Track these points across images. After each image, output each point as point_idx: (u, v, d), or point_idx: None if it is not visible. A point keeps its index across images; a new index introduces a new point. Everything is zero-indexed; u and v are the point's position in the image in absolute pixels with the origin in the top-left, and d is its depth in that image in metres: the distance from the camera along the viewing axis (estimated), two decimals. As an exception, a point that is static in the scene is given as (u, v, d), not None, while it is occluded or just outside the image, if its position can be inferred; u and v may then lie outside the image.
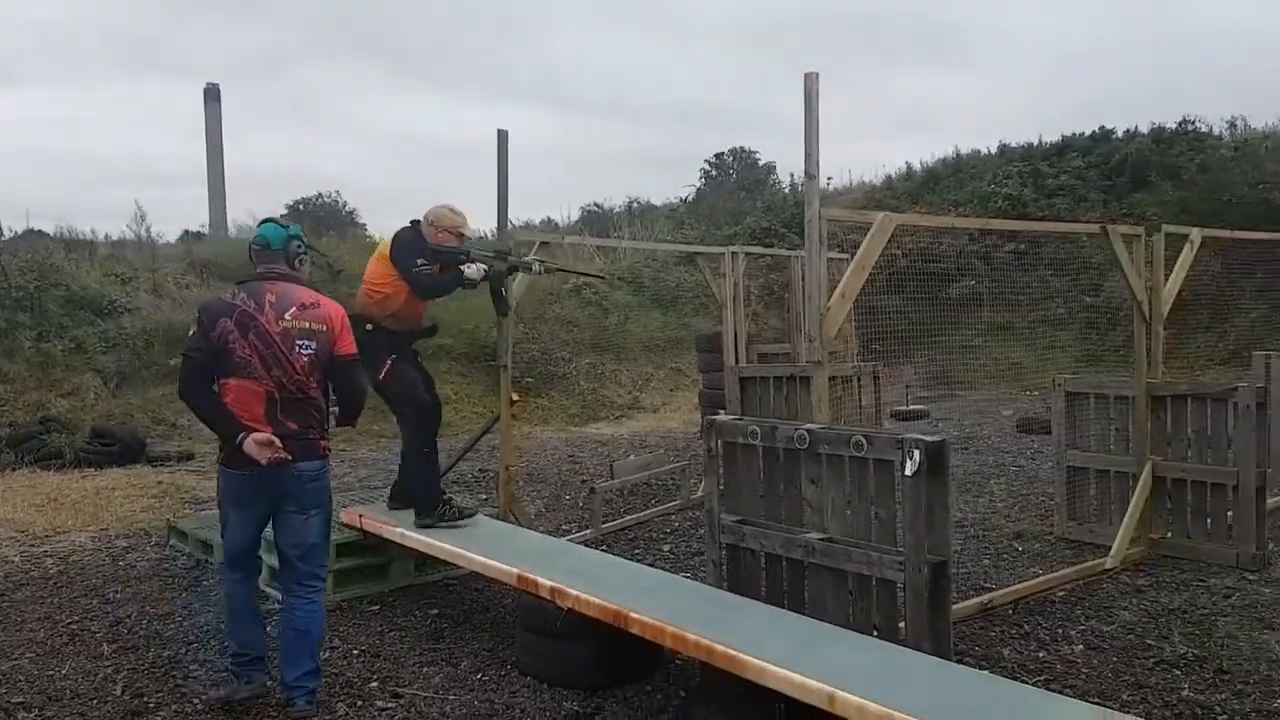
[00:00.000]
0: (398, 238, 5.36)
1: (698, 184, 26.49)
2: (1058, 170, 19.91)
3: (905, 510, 3.83)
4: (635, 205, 26.83)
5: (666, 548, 6.69)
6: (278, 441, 3.76)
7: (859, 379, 7.88)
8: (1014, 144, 22.26)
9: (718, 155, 26.96)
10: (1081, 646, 4.61)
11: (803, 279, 7.72)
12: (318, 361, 3.91)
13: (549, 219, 25.46)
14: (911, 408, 13.37)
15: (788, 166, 27.41)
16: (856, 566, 4.00)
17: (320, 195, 26.65)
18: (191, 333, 3.85)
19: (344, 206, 27.10)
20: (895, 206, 21.00)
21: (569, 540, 6.15)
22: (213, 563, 6.12)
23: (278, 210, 27.55)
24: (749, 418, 5.58)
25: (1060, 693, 3.85)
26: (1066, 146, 21.00)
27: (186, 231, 23.02)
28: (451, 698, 4.11)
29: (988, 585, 5.52)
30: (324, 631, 4.05)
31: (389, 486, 5.84)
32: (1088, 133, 21.20)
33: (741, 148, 26.91)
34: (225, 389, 3.83)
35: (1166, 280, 6.31)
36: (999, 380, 15.65)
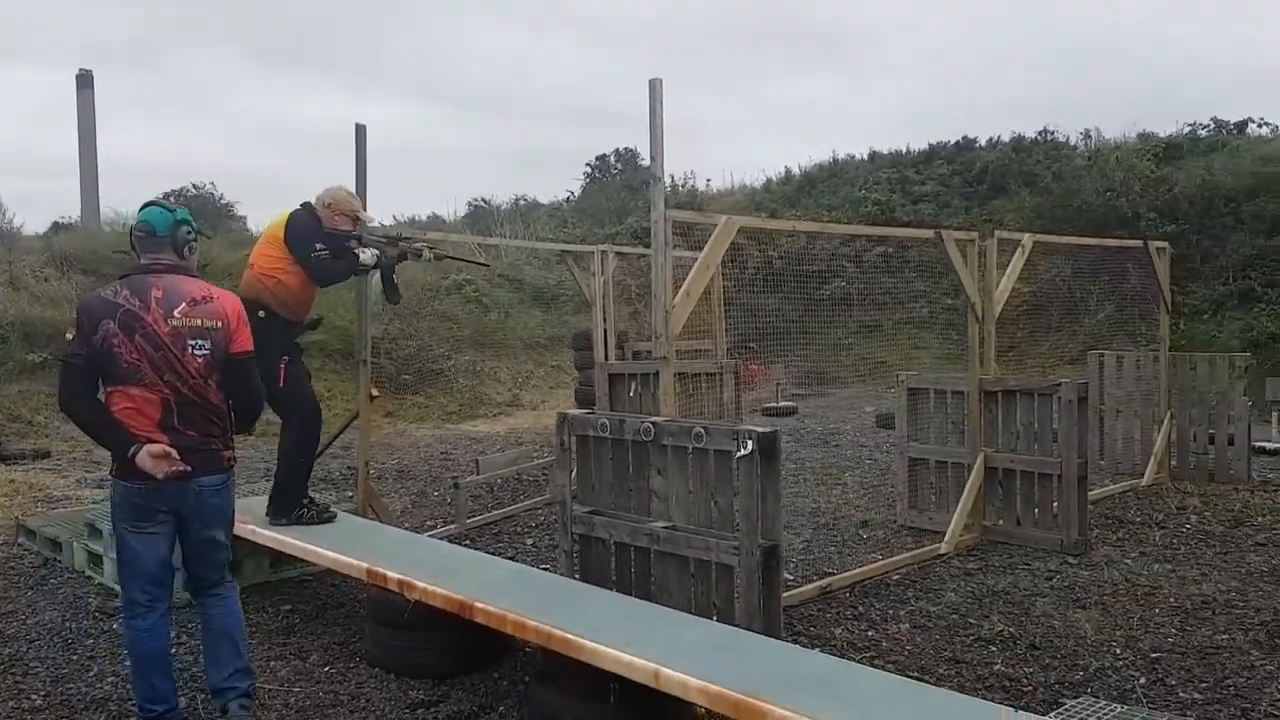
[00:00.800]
0: (294, 219, 5.14)
1: (582, 182, 26.67)
2: (924, 177, 20.79)
3: (740, 498, 4.05)
4: (521, 202, 26.82)
5: (530, 541, 6.81)
6: (174, 453, 3.40)
7: (721, 375, 8.15)
8: (884, 151, 23.17)
9: (600, 156, 27.20)
10: (908, 625, 4.92)
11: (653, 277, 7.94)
12: (214, 362, 3.52)
13: (435, 214, 25.25)
14: (781, 404, 13.80)
15: (671, 167, 27.79)
16: (697, 552, 4.20)
17: (195, 186, 25.79)
18: (70, 336, 3.44)
19: (219, 198, 26.28)
20: (773, 209, 21.59)
21: (432, 536, 6.21)
22: (60, 561, 5.98)
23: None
24: (599, 411, 5.75)
25: (881, 668, 4.13)
26: (933, 154, 21.94)
27: (57, 223, 22.06)
28: (297, 690, 4.15)
29: (830, 571, 5.82)
30: (244, 627, 3.81)
31: (252, 484, 5.79)
32: (953, 141, 22.19)
33: (626, 148, 27.19)
34: (114, 397, 3.42)
35: (999, 282, 6.74)
36: (866, 378, 16.26)
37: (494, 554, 5.80)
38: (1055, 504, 6.42)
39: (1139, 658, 4.42)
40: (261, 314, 4.88)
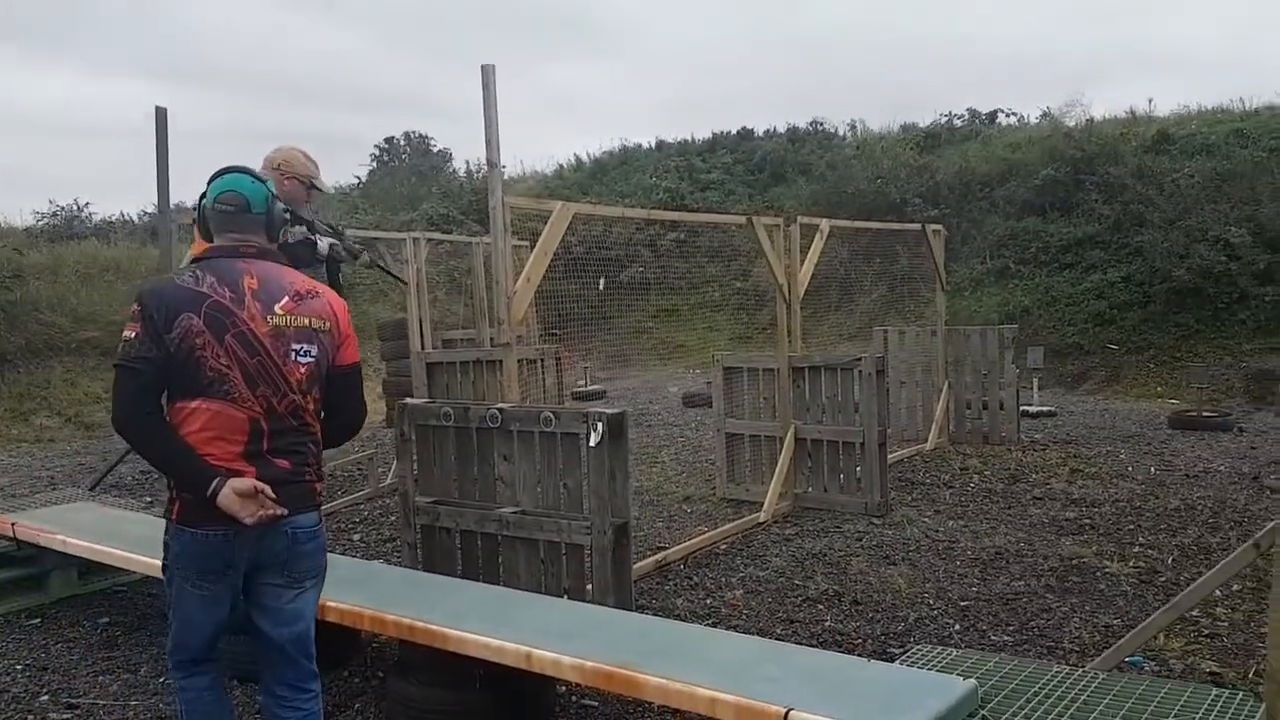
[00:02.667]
0: None
1: (369, 167, 25.89)
2: (710, 166, 21.56)
3: (590, 478, 4.17)
4: (304, 189, 25.69)
5: (357, 537, 6.66)
6: (267, 489, 2.65)
7: (542, 361, 8.22)
8: (670, 140, 23.83)
9: (388, 139, 26.48)
10: (741, 591, 5.21)
11: (486, 265, 7.94)
12: (317, 373, 2.79)
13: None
14: (590, 388, 14.02)
15: (463, 153, 27.47)
16: (548, 535, 4.29)
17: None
18: (129, 335, 2.60)
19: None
20: (567, 195, 21.72)
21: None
22: None
23: None
24: (442, 400, 5.71)
25: (731, 632, 4.36)
26: (716, 144, 22.80)
27: None
28: (134, 703, 3.93)
29: (662, 545, 6.04)
30: None
31: (35, 494, 5.37)
32: (734, 131, 23.13)
33: (415, 132, 26.60)
34: (186, 414, 2.63)
35: (802, 265, 7.17)
36: (667, 360, 16.76)
37: (324, 552, 5.64)
38: (859, 470, 6.92)
39: (950, 607, 4.88)
40: None
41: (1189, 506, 6.63)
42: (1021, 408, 9.82)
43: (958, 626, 4.62)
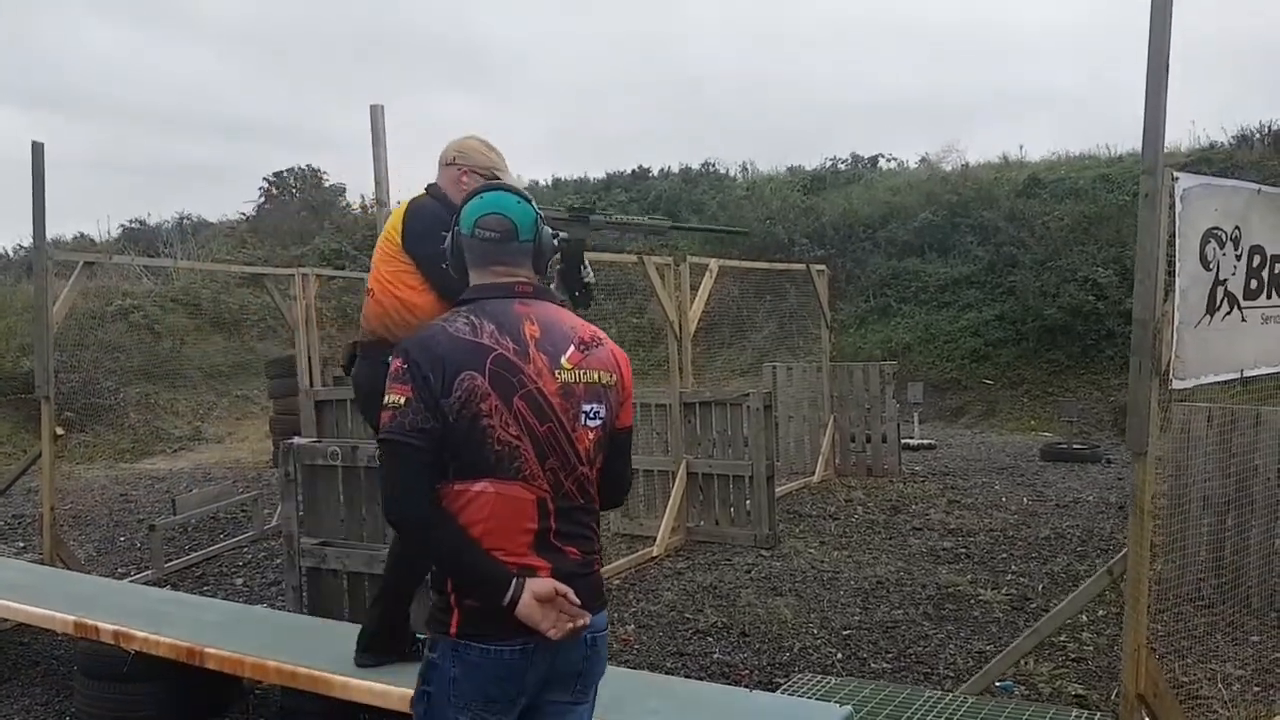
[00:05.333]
0: (414, 212, 3.45)
1: (258, 202, 25.29)
2: (605, 204, 21.76)
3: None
4: (187, 222, 24.95)
5: (239, 581, 6.49)
6: (569, 592, 2.07)
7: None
8: (566, 178, 24.01)
9: (278, 173, 25.94)
10: (634, 626, 5.27)
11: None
12: (603, 439, 2.22)
13: (83, 234, 22.87)
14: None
15: (358, 186, 27.09)
16: (436, 575, 4.27)
17: None
18: (400, 401, 2.02)
19: None
20: (463, 231, 21.69)
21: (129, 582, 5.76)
22: None
23: None
24: (329, 439, 5.62)
25: (616, 667, 4.41)
26: (612, 182, 23.10)
27: None
28: (0, 764, 3.76)
29: (555, 583, 6.05)
30: None
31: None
32: (629, 171, 23.46)
33: (306, 165, 26.11)
34: (464, 501, 2.05)
35: (692, 303, 7.34)
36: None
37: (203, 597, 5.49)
38: (748, 502, 7.08)
39: (833, 636, 5.03)
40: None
41: (1059, 535, 6.98)
42: (903, 441, 10.18)
43: (840, 655, 4.76)
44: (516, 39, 51.38)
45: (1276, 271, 3.51)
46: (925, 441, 11.38)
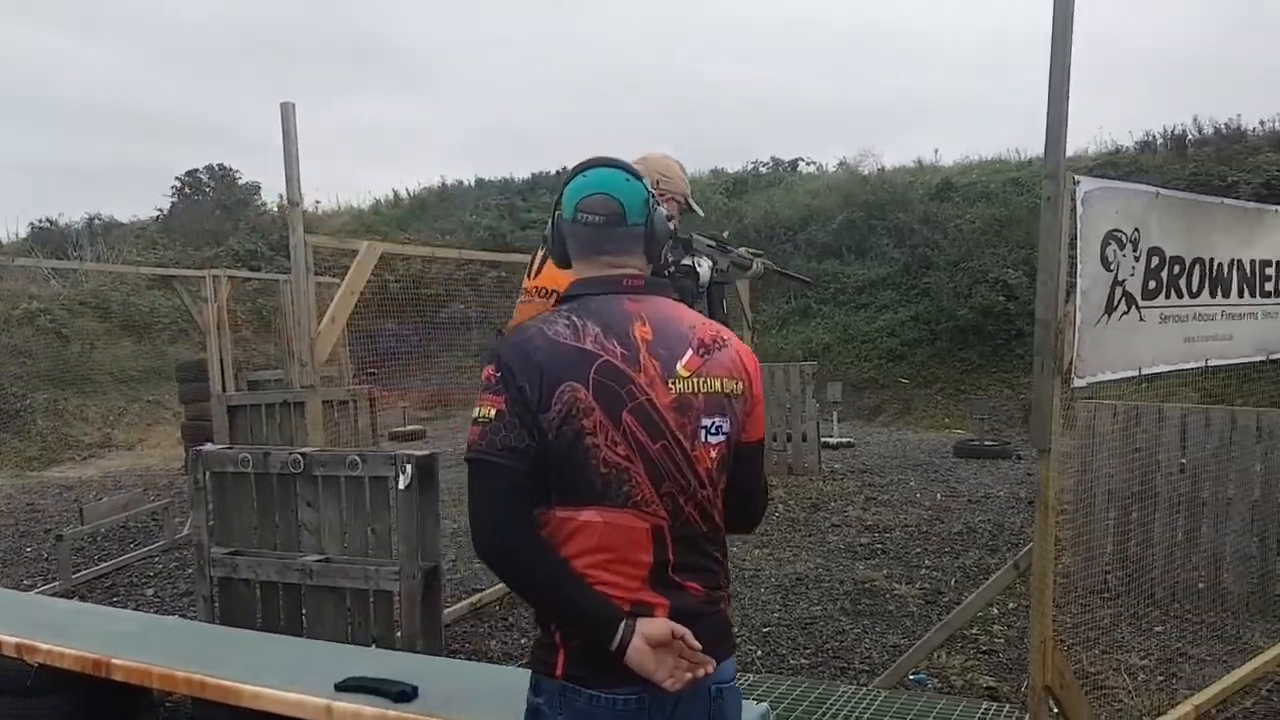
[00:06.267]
0: None
1: (170, 201, 24.58)
2: (530, 205, 21.70)
3: (400, 522, 4.12)
4: (97, 222, 24.13)
5: (150, 592, 6.31)
6: (688, 635, 1.74)
7: (354, 402, 8.05)
8: (491, 178, 23.81)
9: (190, 172, 25.24)
10: (555, 632, 5.24)
11: (293, 303, 7.72)
12: (727, 456, 1.89)
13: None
14: (409, 428, 13.76)
15: (274, 186, 26.53)
16: (354, 582, 4.20)
17: None
18: (490, 415, 1.75)
19: None
20: (385, 232, 21.42)
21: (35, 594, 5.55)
22: None
23: None
24: (241, 446, 5.51)
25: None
26: (537, 183, 22.98)
27: None
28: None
29: (479, 587, 6.01)
30: None
31: None
32: (554, 171, 23.37)
33: (220, 164, 25.43)
34: (569, 530, 1.77)
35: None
36: (489, 399, 16.62)
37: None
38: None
39: (754, 633, 5.08)
40: None
41: (971, 530, 7.16)
42: (823, 440, 10.33)
43: (760, 652, 4.82)
44: (440, 40, 50.84)
45: (1175, 272, 3.64)
46: (844, 440, 11.58)
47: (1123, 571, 5.52)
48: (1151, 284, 3.50)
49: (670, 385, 1.79)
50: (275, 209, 23.23)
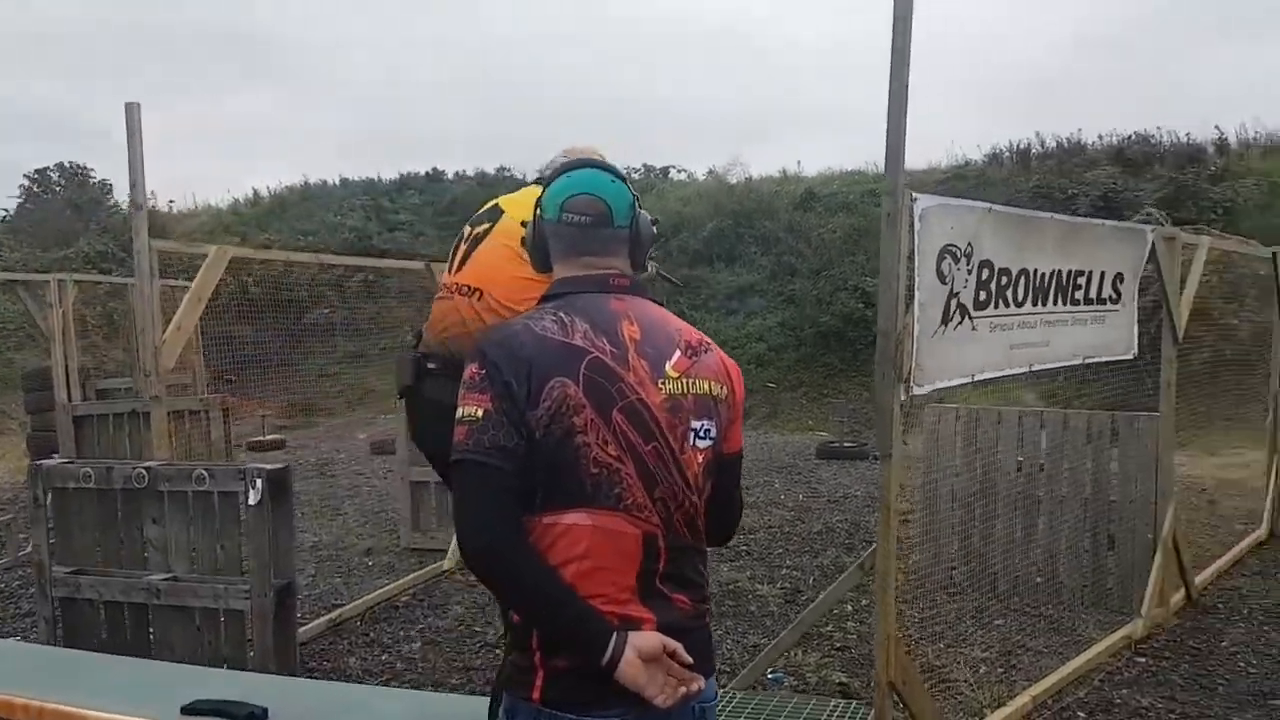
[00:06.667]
0: None
1: (18, 199, 23.17)
2: (398, 206, 21.30)
3: (250, 539, 4.02)
4: (-58, 223, 22.55)
5: (-16, 615, 5.95)
6: (679, 649, 1.70)
7: (207, 412, 7.78)
8: (355, 178, 23.22)
9: (39, 170, 23.81)
10: (420, 644, 5.19)
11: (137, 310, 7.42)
12: (713, 461, 1.87)
13: None
14: (268, 438, 13.31)
15: (125, 186, 25.30)
16: (203, 601, 4.07)
17: None
18: (477, 414, 1.68)
19: None
20: (244, 233, 20.69)
21: None
22: None
23: None
24: (83, 460, 5.25)
25: (399, 687, 4.34)
26: (405, 184, 22.55)
27: None
28: None
29: (338, 602, 5.88)
30: None
31: None
32: (423, 172, 23.01)
33: (71, 162, 24.09)
34: (555, 535, 1.70)
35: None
36: (355, 406, 16.29)
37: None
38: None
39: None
40: None
41: (829, 529, 7.41)
42: (693, 444, 10.50)
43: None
44: (309, 35, 49.26)
45: (1003, 283, 3.88)
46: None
47: (967, 567, 5.81)
48: (983, 295, 3.71)
49: (660, 385, 1.76)
50: (127, 209, 22.21)
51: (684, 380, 1.79)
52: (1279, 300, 7.14)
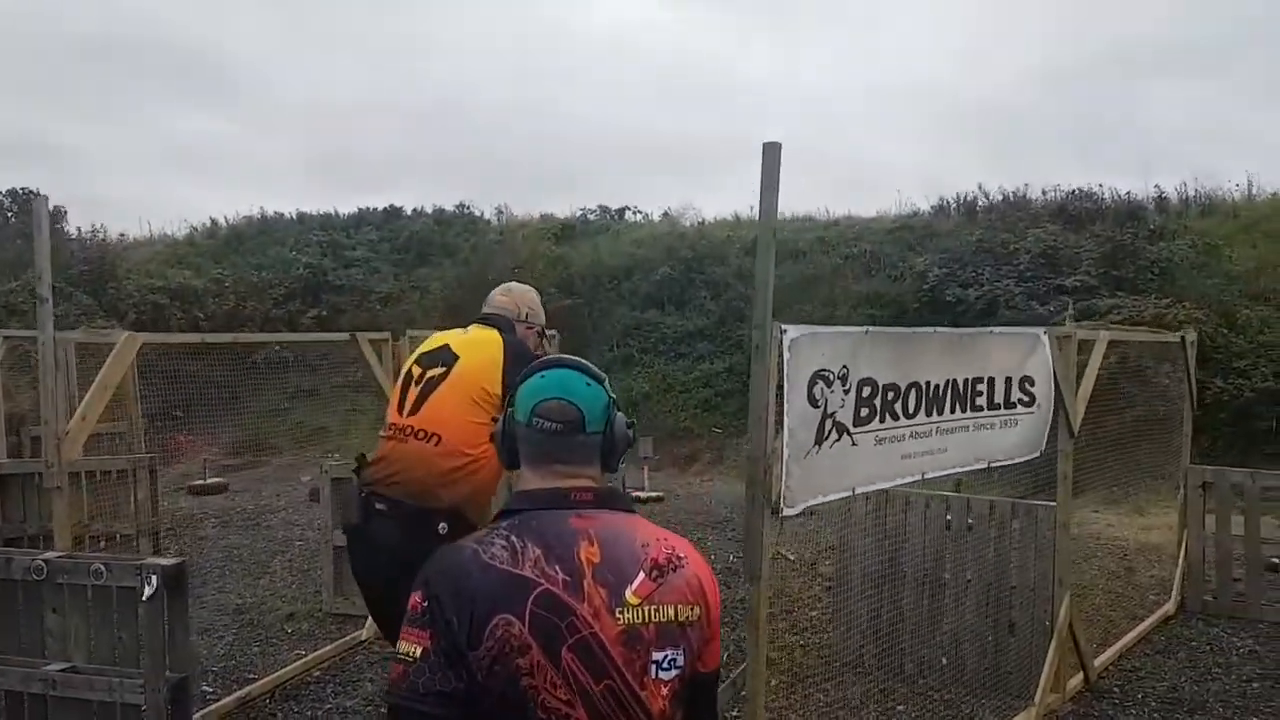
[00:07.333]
0: (514, 353, 3.33)
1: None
2: (355, 242, 21.30)
3: (145, 633, 4.04)
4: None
5: (-111, 688, 5.86)
6: None
7: (133, 472, 7.74)
8: (313, 212, 23.20)
9: (-13, 195, 23.56)
10: (325, 726, 5.21)
11: (41, 402, 7.40)
12: (681, 692, 1.76)
13: None
14: (210, 481, 13.23)
15: (80, 213, 25.13)
16: (99, 694, 4.08)
17: None
18: (414, 654, 1.63)
19: None
20: (199, 264, 20.64)
21: None
22: None
23: None
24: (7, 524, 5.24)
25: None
26: (362, 219, 22.57)
27: None
28: None
29: (252, 675, 5.86)
30: None
31: None
32: (381, 208, 23.02)
33: (23, 189, 23.82)
34: None
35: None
36: (305, 444, 16.22)
37: None
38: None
39: None
40: (444, 528, 3.15)
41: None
42: (634, 494, 10.58)
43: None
44: (262, 57, 48.87)
45: (889, 398, 4.01)
46: (654, 494, 11.87)
47: (876, 646, 5.93)
48: (864, 411, 3.84)
49: (617, 615, 1.66)
50: (76, 238, 22.05)
51: (645, 607, 1.69)
52: (1188, 383, 7.36)
